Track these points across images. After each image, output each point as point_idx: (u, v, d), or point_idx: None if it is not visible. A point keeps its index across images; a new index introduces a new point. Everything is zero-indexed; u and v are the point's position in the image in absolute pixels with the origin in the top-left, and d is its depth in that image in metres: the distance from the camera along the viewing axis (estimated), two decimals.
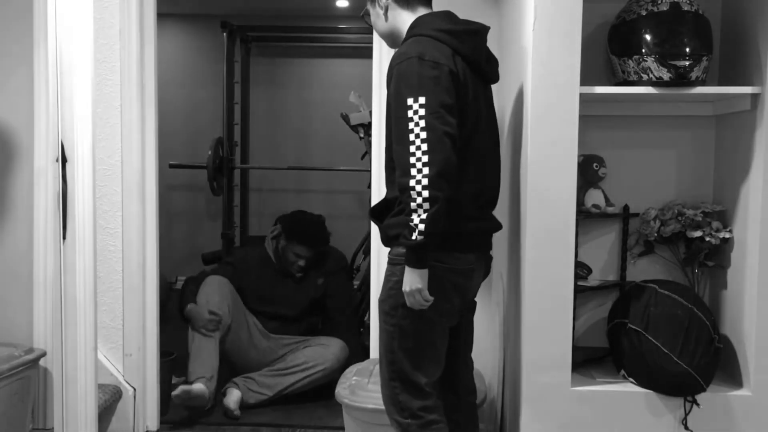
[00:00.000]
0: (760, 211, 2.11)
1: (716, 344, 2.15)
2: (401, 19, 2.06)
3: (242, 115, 5.68)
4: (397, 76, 1.88)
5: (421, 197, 1.78)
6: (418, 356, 1.97)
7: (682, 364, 2.08)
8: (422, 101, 1.82)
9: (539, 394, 2.13)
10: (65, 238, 2.29)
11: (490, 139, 2.08)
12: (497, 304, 2.66)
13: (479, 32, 2.03)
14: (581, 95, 2.07)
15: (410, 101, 1.83)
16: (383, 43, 2.24)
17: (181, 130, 5.65)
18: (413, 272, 1.85)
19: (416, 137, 1.80)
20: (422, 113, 1.81)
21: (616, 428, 2.15)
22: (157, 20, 2.94)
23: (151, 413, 2.99)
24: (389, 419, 2.03)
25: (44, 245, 2.61)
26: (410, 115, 1.82)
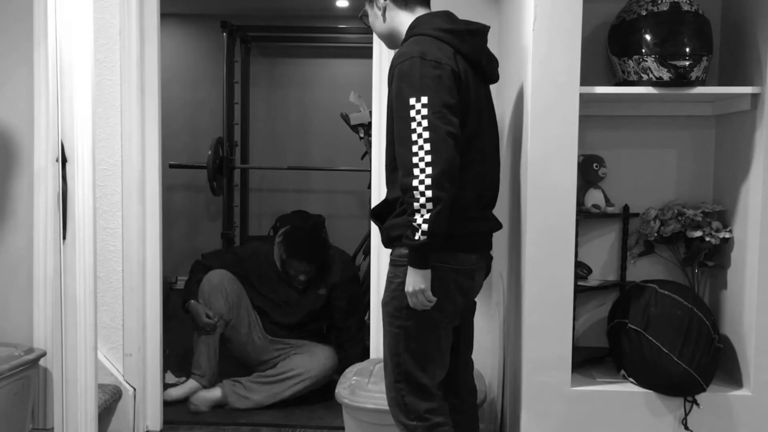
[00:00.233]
0: (760, 211, 2.11)
1: (716, 344, 2.15)
2: (399, 19, 2.05)
3: (242, 115, 5.68)
4: (398, 75, 1.87)
5: (424, 197, 1.78)
6: (423, 357, 1.97)
7: (682, 364, 2.08)
8: (425, 101, 1.81)
9: (539, 394, 2.13)
10: (65, 238, 2.29)
11: (490, 139, 2.08)
12: (497, 304, 2.66)
13: (480, 32, 2.03)
14: (581, 95, 2.07)
15: (412, 101, 1.82)
16: (383, 43, 2.24)
17: (181, 130, 5.64)
18: (416, 272, 1.85)
19: (419, 137, 1.80)
20: (425, 113, 1.80)
21: (616, 428, 2.14)
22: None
23: (151, 413, 2.99)
24: (395, 422, 2.02)
25: (44, 245, 2.61)
26: (413, 114, 1.81)
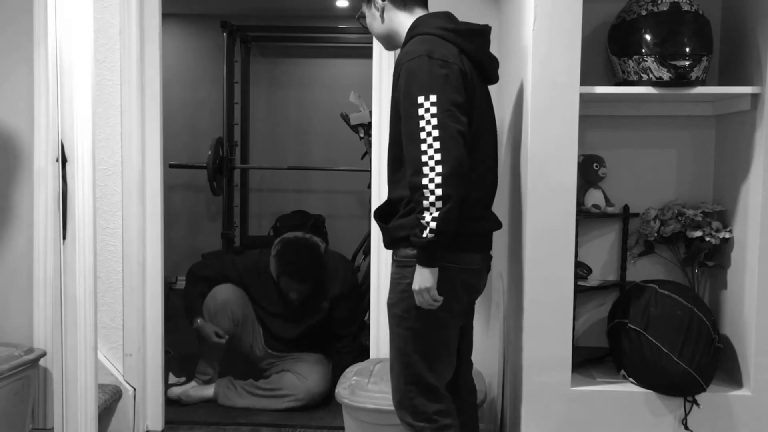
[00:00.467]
0: (760, 211, 2.11)
1: (716, 344, 2.15)
2: (398, 20, 2.05)
3: (242, 115, 5.68)
4: (406, 74, 1.86)
5: (434, 195, 1.77)
6: (432, 358, 1.96)
7: (682, 364, 2.08)
8: (433, 99, 1.80)
9: (539, 394, 2.13)
10: (65, 238, 2.29)
11: (490, 138, 2.08)
12: (497, 304, 2.66)
13: (484, 32, 2.02)
14: (581, 95, 2.07)
15: (421, 99, 1.81)
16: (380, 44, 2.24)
17: (181, 130, 5.65)
18: (423, 271, 1.84)
19: (428, 135, 1.79)
20: (434, 111, 1.79)
21: (616, 428, 2.14)
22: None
23: (151, 413, 2.99)
24: (401, 423, 2.01)
25: (44, 245, 2.61)
26: (421, 113, 1.80)
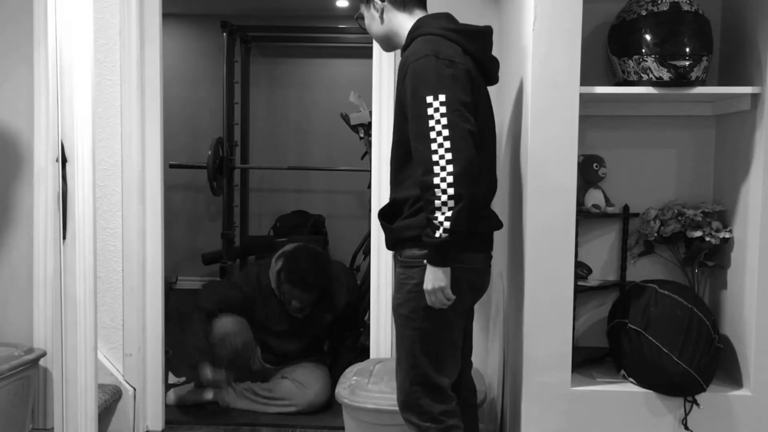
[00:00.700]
0: (760, 211, 2.11)
1: (716, 344, 2.15)
2: (398, 21, 2.04)
3: (242, 115, 5.68)
4: (413, 74, 1.86)
5: (446, 195, 1.77)
6: (439, 358, 1.96)
7: (682, 364, 2.08)
8: (442, 99, 1.80)
9: (539, 394, 2.13)
10: (65, 238, 2.29)
11: (492, 139, 2.09)
12: (497, 304, 2.66)
13: (486, 33, 2.02)
14: (581, 95, 2.07)
15: (430, 99, 1.81)
16: (379, 45, 2.23)
17: (181, 130, 5.65)
18: (436, 270, 1.84)
19: (438, 135, 1.79)
20: (443, 111, 1.79)
21: (616, 428, 2.14)
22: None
23: (151, 413, 2.99)
24: (406, 423, 2.01)
25: (44, 245, 2.61)
26: (430, 112, 1.80)
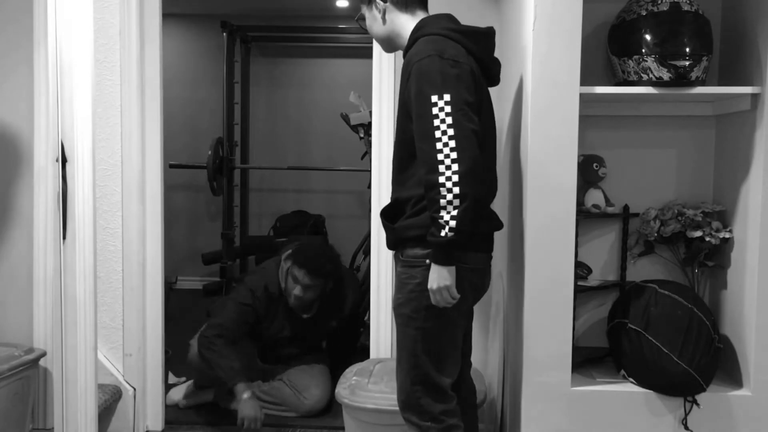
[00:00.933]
0: (760, 211, 2.11)
1: (716, 344, 2.15)
2: (399, 22, 2.04)
3: (242, 115, 5.68)
4: (417, 73, 1.86)
5: (451, 194, 1.78)
6: (441, 357, 1.97)
7: (682, 364, 2.08)
8: (447, 98, 1.81)
9: (539, 394, 2.13)
10: (65, 238, 2.29)
11: (492, 138, 2.09)
12: (497, 304, 2.66)
13: (488, 34, 2.03)
14: (581, 95, 2.07)
15: (435, 98, 1.81)
16: (380, 46, 2.23)
17: (181, 130, 5.65)
18: (441, 269, 1.84)
19: (443, 134, 1.79)
20: (448, 110, 1.80)
21: (616, 428, 2.14)
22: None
23: (151, 413, 2.99)
24: (406, 422, 2.01)
25: (44, 245, 2.61)
26: (435, 112, 1.81)
